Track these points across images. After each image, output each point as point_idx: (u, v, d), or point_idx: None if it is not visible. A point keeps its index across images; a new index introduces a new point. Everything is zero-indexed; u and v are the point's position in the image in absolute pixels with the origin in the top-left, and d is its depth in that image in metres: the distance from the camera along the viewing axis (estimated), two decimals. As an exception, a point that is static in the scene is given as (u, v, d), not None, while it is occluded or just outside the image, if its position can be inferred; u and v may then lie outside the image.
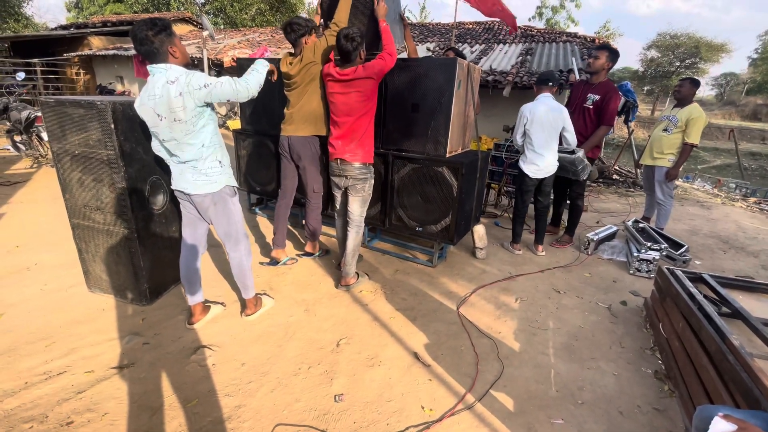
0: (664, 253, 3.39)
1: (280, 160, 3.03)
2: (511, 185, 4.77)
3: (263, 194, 4.15)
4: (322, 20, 3.10)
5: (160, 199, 2.51)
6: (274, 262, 3.14)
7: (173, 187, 2.08)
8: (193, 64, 10.57)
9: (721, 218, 5.56)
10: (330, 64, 2.55)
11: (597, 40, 9.49)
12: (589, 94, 3.56)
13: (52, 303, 2.47)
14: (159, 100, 1.80)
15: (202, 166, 1.96)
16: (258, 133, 3.85)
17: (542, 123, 3.27)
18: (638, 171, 7.37)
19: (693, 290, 2.14)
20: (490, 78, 6.97)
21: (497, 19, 4.94)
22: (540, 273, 3.27)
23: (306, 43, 2.68)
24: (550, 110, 3.25)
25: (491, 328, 2.42)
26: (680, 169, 3.96)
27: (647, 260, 3.29)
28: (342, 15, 2.63)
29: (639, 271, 3.33)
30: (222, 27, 21.33)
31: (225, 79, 1.87)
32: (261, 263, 3.15)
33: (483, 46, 9.75)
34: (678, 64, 33.11)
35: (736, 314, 1.96)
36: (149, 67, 1.84)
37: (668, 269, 2.47)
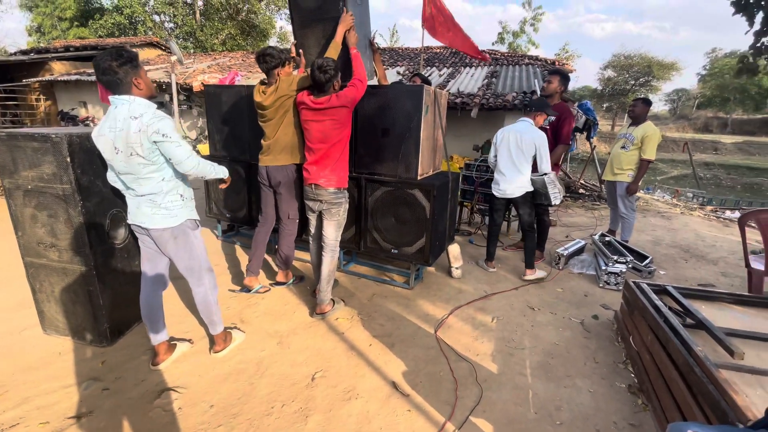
0: (630, 266, 3.52)
1: (260, 188, 3.04)
2: (482, 203, 4.87)
3: (234, 221, 4.05)
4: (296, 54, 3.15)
5: (121, 233, 2.40)
6: (246, 289, 3.05)
7: (130, 221, 2.00)
8: (161, 88, 10.41)
9: (681, 228, 5.85)
10: (304, 92, 2.57)
11: (557, 63, 10.02)
12: None
13: (3, 348, 2.28)
14: (119, 134, 1.75)
15: (161, 200, 1.90)
16: (227, 159, 3.79)
17: (509, 144, 3.38)
18: (602, 185, 7.70)
19: (658, 303, 2.21)
20: (458, 100, 7.19)
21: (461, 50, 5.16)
22: (514, 290, 3.31)
23: (279, 74, 2.70)
24: (520, 134, 3.34)
25: (469, 350, 2.41)
26: (640, 183, 4.16)
27: (615, 273, 3.40)
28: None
29: (608, 284, 3.43)
30: (192, 51, 21.23)
31: (186, 146, 1.83)
32: (230, 290, 3.06)
33: (450, 69, 10.10)
34: (633, 82, 35.50)
35: (700, 325, 2.03)
36: (111, 98, 1.79)
37: (634, 283, 2.55)
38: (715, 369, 1.59)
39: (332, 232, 2.68)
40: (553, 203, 3.51)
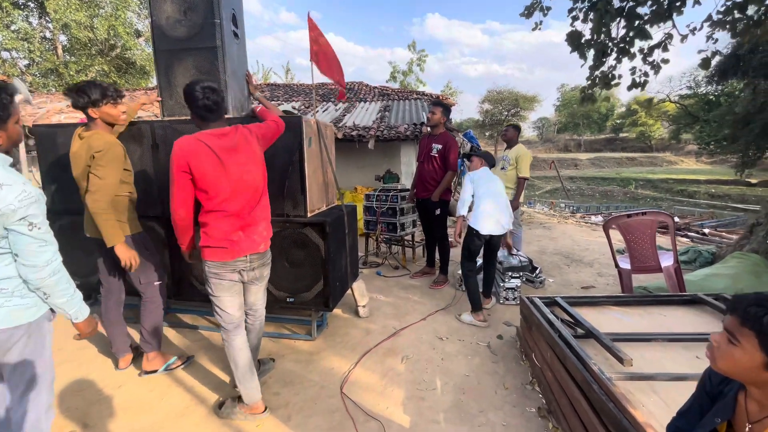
0: (524, 279, 3.68)
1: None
2: (386, 233, 4.79)
3: (86, 289, 3.26)
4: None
5: None
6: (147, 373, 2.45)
7: None
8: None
9: (560, 236, 6.54)
10: (196, 138, 1.77)
11: (441, 98, 10.91)
12: (433, 144, 3.88)
13: None
14: None
15: (15, 287, 1.30)
16: (69, 213, 3.06)
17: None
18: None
19: (551, 317, 2.24)
20: (354, 133, 7.25)
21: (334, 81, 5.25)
22: (423, 321, 3.19)
23: (98, 115, 2.17)
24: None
25: (378, 405, 2.14)
26: (521, 200, 4.51)
27: (512, 288, 3.51)
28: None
29: (507, 299, 3.52)
30: (53, 90, 18.36)
31: (52, 248, 1.32)
32: (145, 373, 2.41)
33: (346, 104, 10.29)
34: (506, 113, 41.21)
35: (589, 334, 2.09)
36: None
37: (528, 298, 2.61)
38: (611, 383, 1.58)
39: (262, 296, 2.19)
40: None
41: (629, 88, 5.31)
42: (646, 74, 5.23)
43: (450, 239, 4.70)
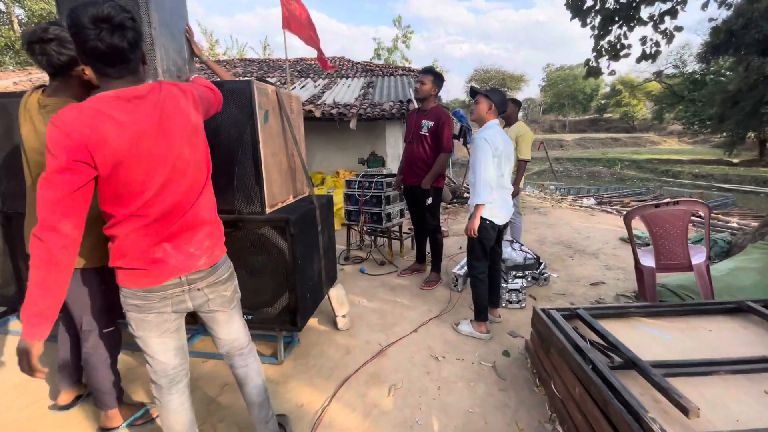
0: (528, 279, 3.21)
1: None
2: (370, 224, 4.25)
3: (4, 303, 2.66)
4: None
5: None
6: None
7: None
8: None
9: (557, 222, 6.11)
10: (92, 107, 1.08)
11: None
12: (423, 121, 3.30)
13: None
14: None
15: None
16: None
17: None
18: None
19: (579, 342, 1.76)
20: (334, 111, 6.60)
21: (317, 54, 4.67)
22: (414, 334, 2.69)
23: (87, 75, 1.47)
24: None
25: (357, 463, 1.65)
26: (521, 185, 4.01)
27: (515, 290, 3.04)
28: None
29: (510, 302, 3.05)
30: (10, 68, 16.93)
31: None
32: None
33: (326, 80, 9.56)
34: (493, 93, 40.67)
35: (630, 364, 1.62)
36: None
37: (544, 311, 2.12)
38: (686, 458, 1.11)
39: (240, 322, 1.54)
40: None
41: (638, 60, 4.80)
42: (657, 44, 4.72)
43: (444, 229, 4.18)
